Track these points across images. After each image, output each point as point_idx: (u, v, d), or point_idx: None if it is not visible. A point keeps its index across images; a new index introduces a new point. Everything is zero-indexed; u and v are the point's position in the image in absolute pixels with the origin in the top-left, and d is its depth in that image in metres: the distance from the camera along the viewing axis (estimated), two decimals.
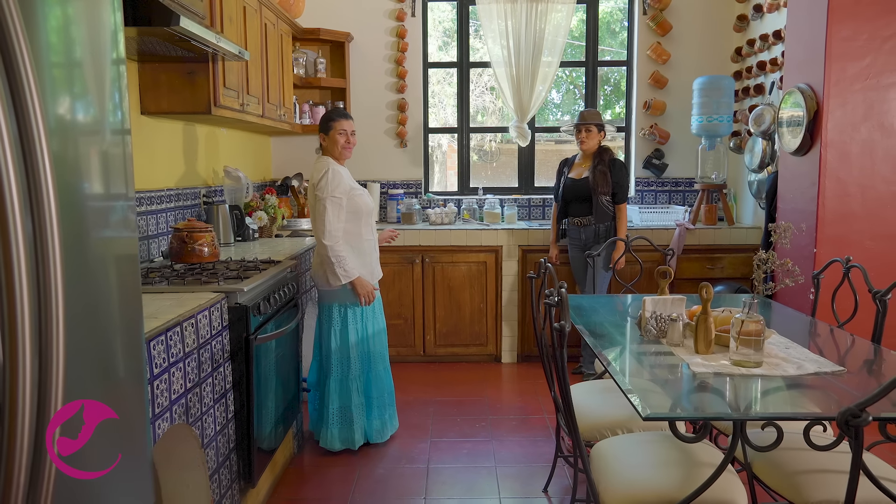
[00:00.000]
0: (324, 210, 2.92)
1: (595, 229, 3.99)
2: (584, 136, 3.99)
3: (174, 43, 2.52)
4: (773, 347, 2.08)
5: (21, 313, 0.78)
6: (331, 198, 2.93)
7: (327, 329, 3.12)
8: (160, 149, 3.12)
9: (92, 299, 1.07)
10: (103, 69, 1.12)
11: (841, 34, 3.33)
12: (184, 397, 1.91)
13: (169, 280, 2.38)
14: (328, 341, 3.12)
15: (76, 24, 1.05)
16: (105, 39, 1.13)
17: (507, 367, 4.54)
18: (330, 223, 2.92)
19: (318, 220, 2.96)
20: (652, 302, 2.24)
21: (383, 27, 4.88)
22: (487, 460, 3.11)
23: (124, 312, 1.18)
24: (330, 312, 3.11)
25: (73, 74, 1.04)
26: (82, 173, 1.06)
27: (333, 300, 3.10)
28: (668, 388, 1.90)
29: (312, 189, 3.00)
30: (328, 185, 2.94)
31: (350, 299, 3.09)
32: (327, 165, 3.00)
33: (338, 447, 3.14)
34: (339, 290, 3.05)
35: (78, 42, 1.05)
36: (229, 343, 2.27)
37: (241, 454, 2.36)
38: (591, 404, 2.46)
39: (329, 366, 3.12)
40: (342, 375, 3.12)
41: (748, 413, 1.73)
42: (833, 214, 3.42)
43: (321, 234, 2.94)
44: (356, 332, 3.13)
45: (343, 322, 3.11)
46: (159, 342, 1.75)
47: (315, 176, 3.00)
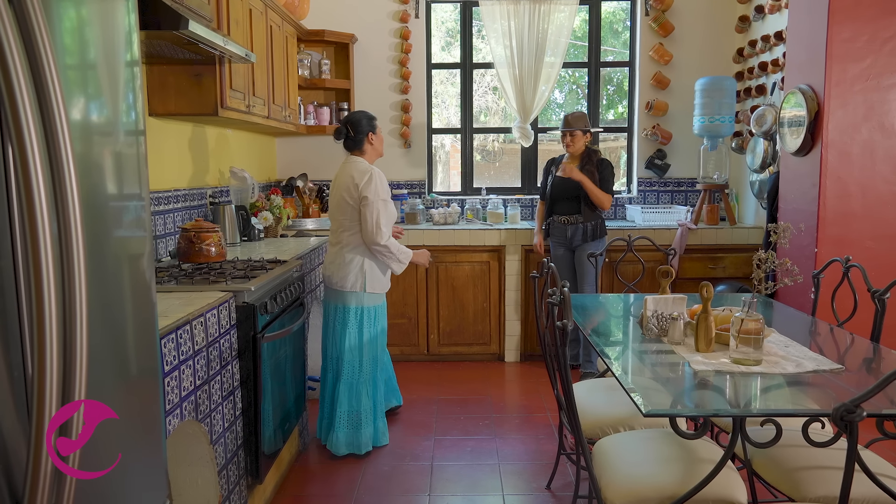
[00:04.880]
0: (376, 212, 2.96)
1: (584, 228, 4.03)
2: (570, 141, 4.04)
3: (182, 46, 2.56)
4: (772, 346, 2.11)
5: (49, 315, 0.81)
6: (382, 200, 2.99)
7: (341, 330, 3.10)
8: (168, 150, 3.16)
9: (109, 298, 1.09)
10: (117, 70, 1.13)
11: (841, 35, 3.35)
12: (193, 394, 1.94)
13: (178, 279, 2.42)
14: (341, 342, 3.10)
15: (90, 26, 1.05)
16: (119, 41, 1.14)
17: (511, 366, 4.57)
18: (384, 223, 2.98)
19: (368, 221, 2.97)
20: (653, 301, 2.27)
21: (387, 28, 4.91)
22: (491, 458, 3.15)
23: (140, 310, 1.20)
24: (345, 314, 3.10)
25: (88, 76, 1.05)
26: (98, 174, 1.07)
27: (350, 302, 3.09)
28: (669, 386, 1.93)
29: (353, 189, 2.99)
30: (378, 187, 2.98)
31: (367, 301, 3.10)
32: (370, 168, 3.03)
33: (343, 452, 3.11)
34: (357, 292, 3.07)
35: (92, 44, 1.06)
36: (237, 341, 2.31)
37: (249, 451, 2.40)
38: (593, 402, 2.49)
39: (339, 368, 3.11)
40: (353, 379, 3.11)
41: (748, 410, 1.76)
42: (834, 214, 3.44)
43: (375, 234, 2.97)
44: (369, 333, 3.13)
45: (359, 324, 3.10)
46: (170, 340, 1.78)
47: (358, 177, 2.99)
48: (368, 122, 3.11)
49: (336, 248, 3.11)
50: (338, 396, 3.10)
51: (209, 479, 2.08)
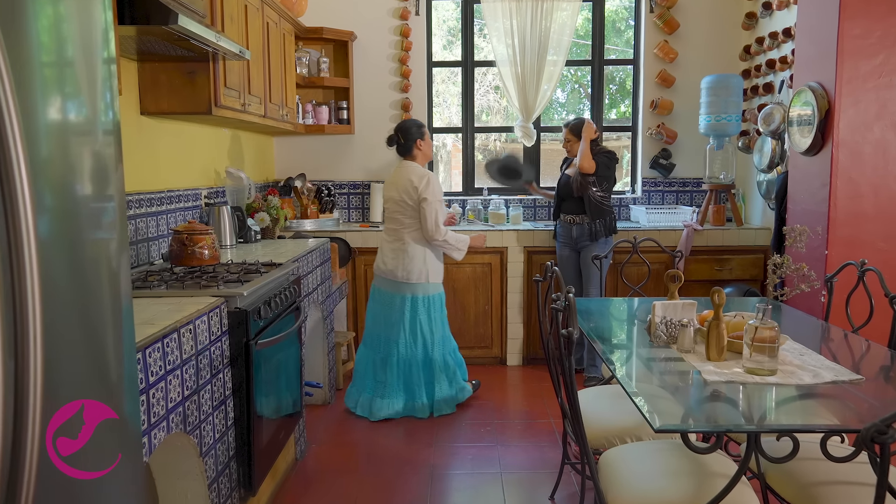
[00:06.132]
0: (434, 212, 3.42)
1: (589, 227, 3.97)
2: (568, 146, 4.14)
3: (173, 42, 2.48)
4: (787, 354, 2.02)
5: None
6: (439, 201, 3.45)
7: (411, 317, 3.54)
8: (161, 149, 3.07)
9: (85, 301, 1.05)
10: (95, 68, 1.10)
11: (853, 31, 3.26)
12: (181, 405, 1.86)
13: (168, 284, 2.33)
14: (412, 328, 3.54)
15: (67, 23, 1.03)
16: (97, 38, 1.11)
17: (513, 369, 4.48)
18: (440, 221, 3.45)
19: (428, 220, 3.42)
20: (662, 307, 2.18)
21: (387, 26, 4.82)
22: (492, 466, 3.06)
23: (116, 315, 1.15)
24: (413, 303, 3.53)
25: (65, 74, 1.02)
26: (75, 174, 1.04)
27: (417, 292, 3.52)
28: (679, 397, 1.84)
29: (412, 191, 3.41)
30: (435, 189, 3.43)
31: (431, 290, 3.56)
32: (426, 172, 3.47)
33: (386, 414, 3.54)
34: (422, 283, 3.52)
35: (70, 41, 1.03)
36: (229, 348, 2.23)
37: (241, 461, 2.32)
38: (598, 411, 2.41)
39: (395, 350, 3.54)
40: (427, 358, 3.58)
41: (763, 424, 1.67)
42: (845, 215, 3.35)
43: (435, 232, 3.44)
44: (436, 316, 3.60)
45: (427, 310, 3.54)
46: (155, 349, 1.70)
47: (416, 180, 3.42)
48: (417, 129, 3.52)
49: (397, 244, 3.52)
50: (400, 378, 3.56)
51: (199, 492, 1.99)
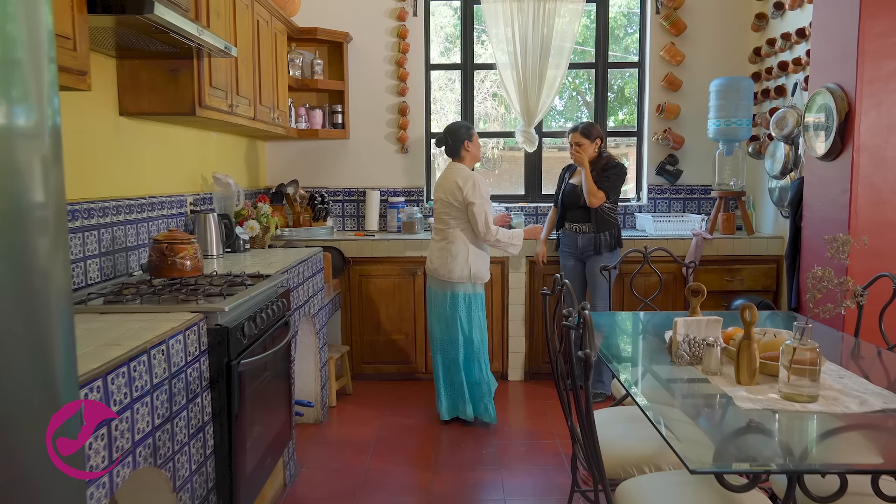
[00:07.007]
0: (484, 214, 3.45)
1: (595, 238, 3.80)
2: (576, 152, 3.87)
3: (152, 35, 2.29)
4: (825, 377, 1.83)
5: None
6: (487, 202, 3.48)
7: (451, 314, 3.51)
8: (142, 153, 2.88)
9: (30, 314, 1.00)
10: (42, 70, 1.05)
11: (875, 30, 3.09)
12: (151, 436, 1.66)
13: (143, 298, 2.13)
14: (453, 325, 3.51)
15: (15, 23, 0.99)
16: (42, 39, 1.05)
17: (515, 385, 4.28)
18: (490, 222, 3.48)
19: (479, 222, 3.45)
20: (684, 324, 1.99)
21: (383, 27, 4.65)
22: (495, 492, 2.85)
23: (59, 328, 1.06)
24: (454, 300, 3.50)
25: (14, 75, 0.99)
26: (22, 180, 1.00)
27: (458, 290, 3.50)
28: (709, 427, 1.65)
29: (457, 193, 3.44)
30: (481, 191, 3.45)
31: (473, 289, 3.53)
32: (471, 174, 3.49)
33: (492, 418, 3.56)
34: (464, 282, 3.49)
35: (18, 42, 1.00)
36: (208, 370, 2.03)
37: (223, 493, 2.11)
38: (612, 436, 2.21)
39: (450, 348, 3.53)
40: (469, 354, 3.53)
41: (807, 463, 1.47)
42: (867, 223, 3.16)
43: (486, 233, 3.47)
44: (477, 315, 3.55)
45: (468, 308, 3.51)
46: (119, 375, 1.50)
47: (462, 183, 3.44)
48: (466, 130, 3.54)
49: (442, 243, 3.52)
50: (462, 372, 3.52)
51: None
